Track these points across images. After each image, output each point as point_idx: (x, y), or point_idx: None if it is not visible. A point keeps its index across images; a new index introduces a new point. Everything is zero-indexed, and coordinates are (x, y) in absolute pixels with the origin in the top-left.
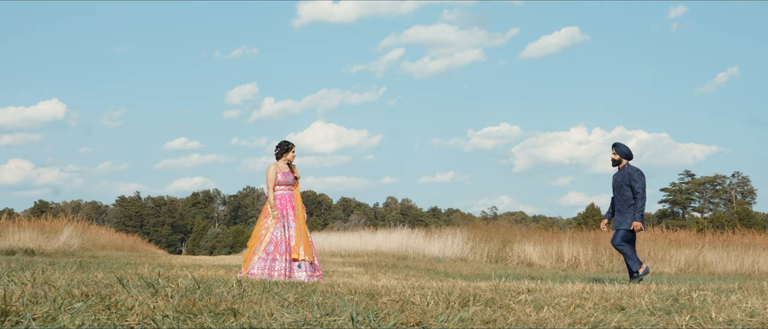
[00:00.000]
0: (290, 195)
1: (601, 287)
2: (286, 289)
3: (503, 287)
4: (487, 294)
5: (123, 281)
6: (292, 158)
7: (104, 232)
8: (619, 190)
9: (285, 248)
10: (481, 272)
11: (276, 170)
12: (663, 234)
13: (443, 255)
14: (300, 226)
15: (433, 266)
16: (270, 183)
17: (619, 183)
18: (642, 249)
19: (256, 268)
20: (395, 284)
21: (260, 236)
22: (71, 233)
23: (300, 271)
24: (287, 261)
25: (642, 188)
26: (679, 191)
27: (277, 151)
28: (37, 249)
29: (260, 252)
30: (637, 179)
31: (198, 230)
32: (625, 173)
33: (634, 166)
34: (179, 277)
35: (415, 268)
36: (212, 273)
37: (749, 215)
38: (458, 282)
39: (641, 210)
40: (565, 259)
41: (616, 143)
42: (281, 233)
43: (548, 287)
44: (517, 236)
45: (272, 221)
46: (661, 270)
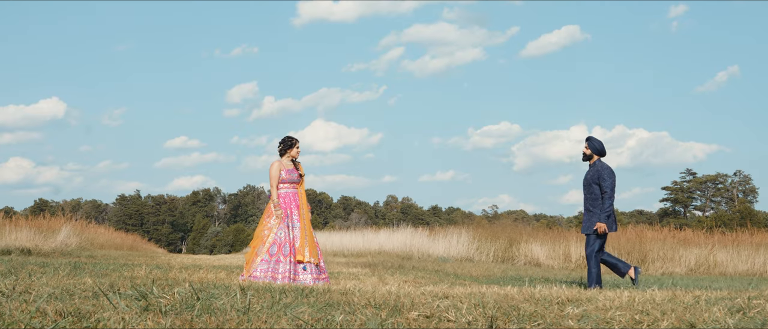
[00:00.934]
0: (294, 193)
1: (647, 295)
2: (297, 300)
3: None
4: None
5: (113, 289)
6: (296, 155)
7: (103, 231)
8: (589, 188)
9: (289, 249)
10: (491, 273)
11: (280, 167)
12: (671, 234)
13: (448, 254)
14: (305, 226)
15: (441, 267)
16: (273, 181)
17: (589, 181)
18: (651, 249)
19: (259, 270)
20: (413, 290)
21: (263, 236)
22: (69, 232)
23: (305, 274)
24: (292, 263)
25: (611, 188)
26: (680, 189)
27: (281, 147)
28: (34, 249)
29: (263, 254)
30: (607, 177)
31: (198, 228)
32: (595, 170)
33: (606, 163)
34: (176, 283)
35: (423, 269)
36: (212, 276)
37: (751, 214)
38: (483, 289)
39: (608, 211)
40: (573, 259)
41: (590, 137)
42: (285, 233)
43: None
44: (523, 236)
45: (276, 220)
46: (672, 270)
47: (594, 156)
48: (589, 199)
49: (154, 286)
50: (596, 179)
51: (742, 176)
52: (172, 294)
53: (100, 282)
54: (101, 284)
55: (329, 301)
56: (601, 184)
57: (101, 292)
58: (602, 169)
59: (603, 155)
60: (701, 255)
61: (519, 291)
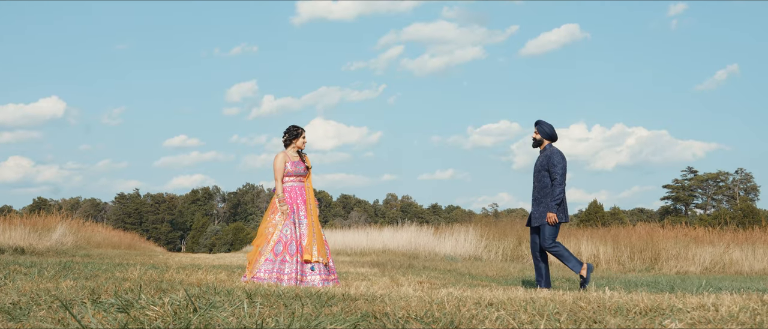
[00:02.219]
0: (301, 187)
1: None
2: (317, 309)
3: (611, 303)
4: (609, 319)
5: (93, 296)
6: (302, 146)
7: (100, 229)
8: (538, 175)
9: (296, 248)
10: (507, 273)
11: (285, 158)
12: (683, 231)
13: (455, 253)
14: (313, 223)
15: (451, 266)
16: (278, 174)
17: (538, 168)
18: (664, 248)
19: (263, 271)
20: (446, 295)
21: (267, 234)
22: (64, 231)
23: (313, 274)
24: (298, 263)
25: (561, 174)
26: (681, 187)
27: (285, 137)
28: (28, 248)
29: (267, 253)
30: (557, 162)
31: (197, 227)
32: (545, 155)
33: (557, 148)
34: (171, 287)
35: (434, 269)
36: (212, 277)
37: (753, 212)
38: (519, 292)
39: (558, 199)
40: (584, 258)
41: (539, 120)
42: (291, 230)
43: (671, 303)
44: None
45: (281, 216)
46: (686, 269)
47: (544, 141)
48: (537, 188)
49: (141, 293)
50: (546, 166)
51: (744, 174)
52: (163, 304)
53: (82, 286)
54: (83, 288)
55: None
56: (550, 170)
57: (68, 304)
58: (552, 154)
59: (554, 140)
60: (716, 253)
61: (576, 297)
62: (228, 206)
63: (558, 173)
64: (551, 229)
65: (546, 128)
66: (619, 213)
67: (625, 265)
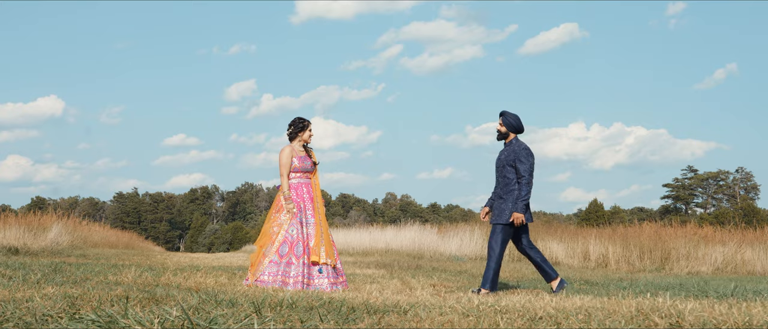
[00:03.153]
0: (308, 184)
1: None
2: (337, 322)
3: (696, 322)
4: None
5: (72, 309)
6: (309, 139)
7: (98, 229)
8: (502, 171)
9: (303, 249)
10: (521, 275)
11: (291, 153)
12: (692, 230)
13: (461, 253)
14: (320, 222)
15: (460, 267)
16: (284, 169)
17: (503, 162)
18: (676, 247)
19: (268, 274)
20: (479, 304)
21: (272, 234)
22: (60, 230)
23: (321, 277)
24: (305, 265)
25: (528, 171)
26: (681, 186)
27: (291, 130)
28: (22, 248)
29: (272, 255)
30: (524, 158)
31: (196, 226)
32: (511, 149)
33: (523, 142)
34: (166, 296)
35: (443, 270)
36: (212, 280)
37: (754, 211)
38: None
39: (525, 199)
40: (592, 258)
41: (504, 111)
42: (298, 230)
43: (753, 312)
44: (539, 233)
45: (287, 215)
46: (697, 269)
47: (510, 134)
48: (501, 184)
49: (128, 306)
50: (511, 161)
51: (744, 173)
52: (153, 322)
53: (64, 294)
54: (65, 297)
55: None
56: (517, 166)
57: (40, 320)
58: (519, 148)
59: (520, 132)
60: (727, 253)
61: (638, 305)
62: (227, 205)
63: (526, 172)
64: (506, 229)
65: (511, 119)
66: (619, 212)
67: (634, 265)
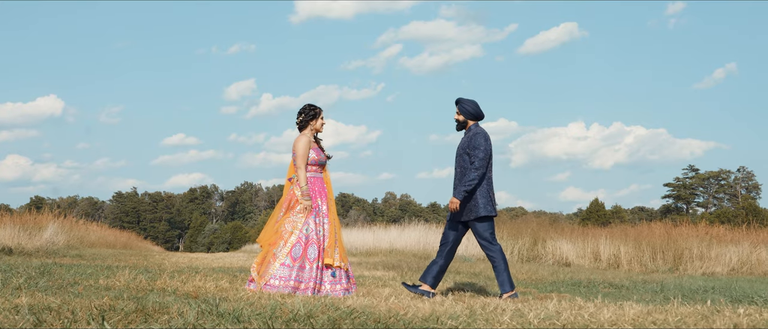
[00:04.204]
0: (321, 180)
1: None
2: None
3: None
4: None
5: None
6: (321, 128)
7: (95, 228)
8: (460, 160)
9: (317, 252)
10: (539, 276)
11: (309, 143)
12: (704, 230)
13: (467, 253)
14: (334, 221)
15: (472, 268)
16: (302, 161)
17: (460, 151)
18: (690, 246)
19: (279, 278)
20: (535, 317)
21: (283, 232)
22: (56, 229)
23: (334, 282)
24: (318, 269)
25: (480, 158)
26: (683, 186)
27: (301, 118)
28: (17, 248)
29: (284, 257)
30: (479, 144)
31: (195, 226)
32: (468, 136)
33: (482, 129)
34: (158, 308)
35: (456, 272)
36: (212, 284)
37: (756, 211)
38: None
39: (469, 185)
40: (603, 258)
41: (460, 99)
42: (313, 230)
43: None
44: (548, 233)
45: (301, 213)
46: (712, 270)
47: (468, 122)
48: (458, 174)
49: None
50: (468, 147)
51: (746, 173)
52: None
53: (39, 305)
54: (37, 309)
55: None
56: (470, 153)
57: None
58: (476, 135)
59: (479, 119)
60: (742, 253)
61: (704, 313)
62: (226, 204)
63: (477, 157)
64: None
65: (468, 106)
66: (620, 212)
67: (647, 266)
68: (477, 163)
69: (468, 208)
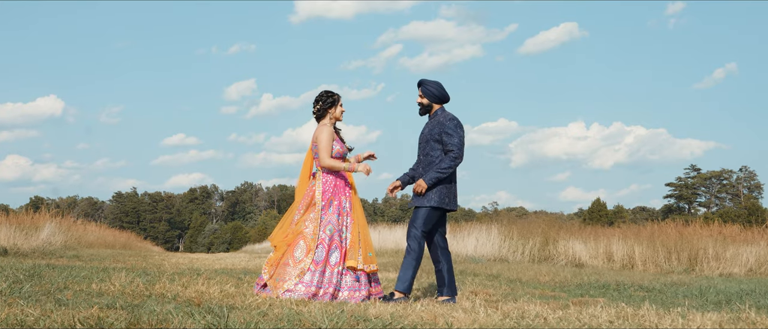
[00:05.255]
0: (344, 176)
1: None
2: None
3: None
4: None
5: None
6: (340, 116)
7: (94, 228)
8: (426, 147)
9: (340, 255)
10: (560, 278)
11: (332, 133)
12: (717, 229)
13: (477, 253)
14: (359, 219)
15: (490, 269)
16: (325, 153)
17: (427, 137)
18: (706, 246)
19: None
20: None
21: (304, 233)
22: (53, 229)
23: (355, 289)
24: (339, 274)
25: (458, 146)
26: (684, 185)
27: (318, 107)
28: (12, 248)
29: (305, 260)
30: (453, 131)
31: (195, 226)
32: (436, 122)
33: (450, 113)
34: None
35: (474, 274)
36: (216, 289)
37: (758, 211)
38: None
39: (444, 172)
40: (616, 259)
41: (423, 81)
42: (336, 231)
43: None
44: (560, 233)
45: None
46: (729, 270)
47: (433, 105)
48: (424, 163)
49: None
50: (437, 134)
51: (748, 172)
52: None
53: (14, 318)
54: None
55: None
56: (443, 140)
57: None
58: (446, 120)
59: (445, 102)
60: (760, 253)
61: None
62: (226, 204)
63: (454, 145)
64: (427, 214)
65: (432, 88)
66: (622, 211)
67: (662, 266)
68: (455, 151)
69: (423, 194)
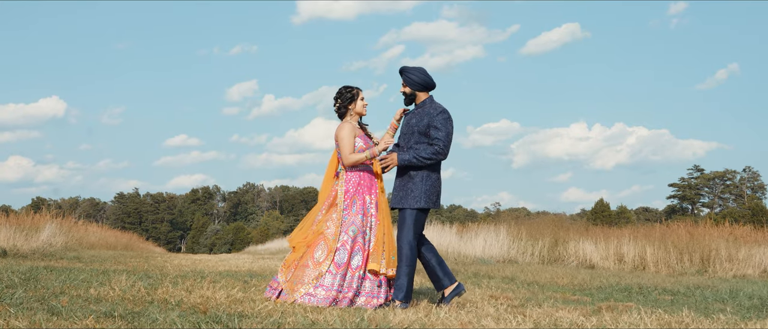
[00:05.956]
0: (371, 173)
1: None
2: None
3: None
4: None
5: None
6: (363, 110)
7: (96, 229)
8: (410, 139)
9: (362, 259)
10: (578, 281)
11: (354, 130)
12: (728, 230)
13: (485, 254)
14: (384, 220)
15: (504, 271)
16: (347, 150)
17: (413, 129)
18: (718, 247)
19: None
20: None
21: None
22: (54, 230)
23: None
24: (359, 278)
25: (444, 141)
26: (688, 186)
27: (339, 103)
28: (11, 250)
29: (326, 262)
30: (441, 125)
31: (197, 227)
32: (423, 112)
33: (440, 104)
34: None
35: (489, 276)
36: (223, 295)
37: (762, 211)
38: None
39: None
40: (627, 260)
41: (404, 68)
42: (360, 232)
43: None
44: (570, 234)
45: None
46: (743, 272)
47: (417, 94)
48: None
49: None
50: (424, 127)
51: (751, 173)
52: None
53: None
54: None
55: None
56: (430, 134)
57: None
58: (434, 112)
59: (430, 88)
60: None
61: None
62: (228, 205)
63: (441, 139)
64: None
65: (414, 75)
66: (626, 212)
67: (674, 268)
68: (440, 146)
69: (405, 193)
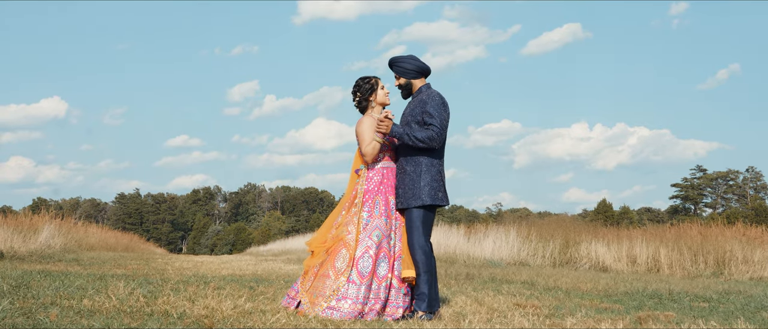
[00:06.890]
0: (393, 171)
1: None
2: None
3: None
4: None
5: None
6: (386, 100)
7: (95, 230)
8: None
9: (388, 266)
10: (605, 287)
11: (374, 123)
12: (741, 231)
13: (495, 256)
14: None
15: (522, 275)
16: (365, 142)
17: (408, 118)
18: (732, 249)
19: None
20: None
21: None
22: (52, 231)
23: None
24: (387, 288)
25: (437, 128)
26: (690, 186)
27: (358, 97)
28: (9, 251)
29: (350, 272)
30: (435, 111)
31: (198, 227)
32: (418, 100)
33: (436, 91)
34: None
35: (508, 281)
36: (228, 304)
37: (766, 211)
38: None
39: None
40: (641, 261)
41: (395, 58)
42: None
43: None
44: (582, 235)
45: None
46: (760, 274)
47: (413, 83)
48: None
49: None
50: (419, 114)
51: (754, 173)
52: None
53: None
54: None
55: None
56: (425, 120)
57: None
58: (429, 98)
59: (425, 75)
60: None
61: None
62: (229, 206)
63: (434, 126)
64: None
65: (406, 63)
66: (628, 212)
67: (688, 270)
68: (434, 133)
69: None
